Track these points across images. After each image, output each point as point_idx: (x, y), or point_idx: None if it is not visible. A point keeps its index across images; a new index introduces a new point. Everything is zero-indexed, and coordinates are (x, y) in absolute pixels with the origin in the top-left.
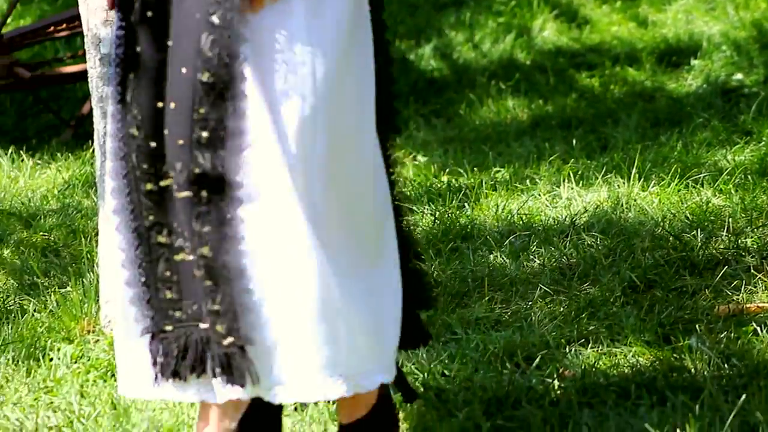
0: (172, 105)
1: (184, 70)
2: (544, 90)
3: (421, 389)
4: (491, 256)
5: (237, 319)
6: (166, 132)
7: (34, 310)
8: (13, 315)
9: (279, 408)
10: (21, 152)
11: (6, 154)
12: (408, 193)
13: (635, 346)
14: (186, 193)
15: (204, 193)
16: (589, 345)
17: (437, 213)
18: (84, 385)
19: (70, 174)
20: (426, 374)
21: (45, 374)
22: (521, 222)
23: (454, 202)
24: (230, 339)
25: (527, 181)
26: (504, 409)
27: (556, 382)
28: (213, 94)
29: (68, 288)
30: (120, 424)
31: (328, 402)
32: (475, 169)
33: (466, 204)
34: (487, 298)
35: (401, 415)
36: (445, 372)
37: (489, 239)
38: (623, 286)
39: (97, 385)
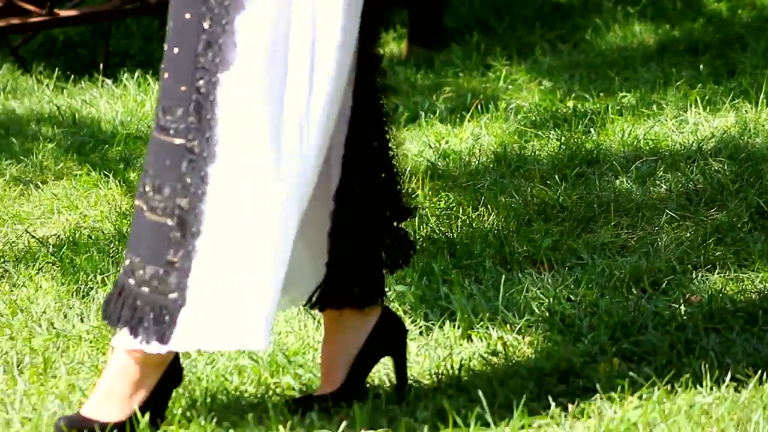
0: (176, 50)
1: (188, 16)
2: (671, 14)
3: (547, 314)
4: (617, 181)
5: (188, 275)
6: (165, 76)
7: None
8: None
9: (404, 331)
10: (147, 76)
11: (132, 78)
12: (534, 119)
13: (763, 272)
14: (181, 141)
15: (195, 143)
16: (716, 270)
17: (563, 138)
18: None
19: None
20: (551, 299)
21: None
22: (647, 147)
23: (579, 127)
24: (175, 294)
25: (654, 106)
26: (630, 335)
27: (682, 308)
28: (214, 45)
29: None
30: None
31: (454, 326)
32: (601, 94)
33: (591, 129)
34: (613, 223)
35: (515, 340)
36: (571, 297)
37: (615, 164)
38: (750, 212)
39: None
